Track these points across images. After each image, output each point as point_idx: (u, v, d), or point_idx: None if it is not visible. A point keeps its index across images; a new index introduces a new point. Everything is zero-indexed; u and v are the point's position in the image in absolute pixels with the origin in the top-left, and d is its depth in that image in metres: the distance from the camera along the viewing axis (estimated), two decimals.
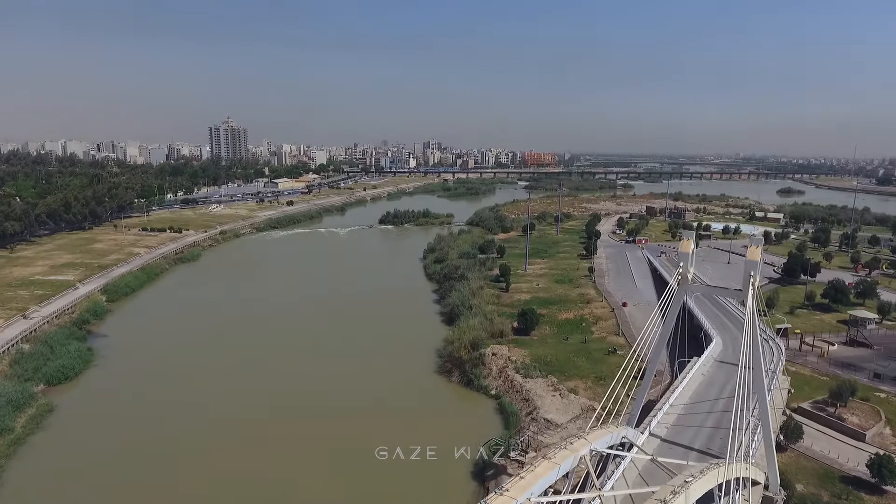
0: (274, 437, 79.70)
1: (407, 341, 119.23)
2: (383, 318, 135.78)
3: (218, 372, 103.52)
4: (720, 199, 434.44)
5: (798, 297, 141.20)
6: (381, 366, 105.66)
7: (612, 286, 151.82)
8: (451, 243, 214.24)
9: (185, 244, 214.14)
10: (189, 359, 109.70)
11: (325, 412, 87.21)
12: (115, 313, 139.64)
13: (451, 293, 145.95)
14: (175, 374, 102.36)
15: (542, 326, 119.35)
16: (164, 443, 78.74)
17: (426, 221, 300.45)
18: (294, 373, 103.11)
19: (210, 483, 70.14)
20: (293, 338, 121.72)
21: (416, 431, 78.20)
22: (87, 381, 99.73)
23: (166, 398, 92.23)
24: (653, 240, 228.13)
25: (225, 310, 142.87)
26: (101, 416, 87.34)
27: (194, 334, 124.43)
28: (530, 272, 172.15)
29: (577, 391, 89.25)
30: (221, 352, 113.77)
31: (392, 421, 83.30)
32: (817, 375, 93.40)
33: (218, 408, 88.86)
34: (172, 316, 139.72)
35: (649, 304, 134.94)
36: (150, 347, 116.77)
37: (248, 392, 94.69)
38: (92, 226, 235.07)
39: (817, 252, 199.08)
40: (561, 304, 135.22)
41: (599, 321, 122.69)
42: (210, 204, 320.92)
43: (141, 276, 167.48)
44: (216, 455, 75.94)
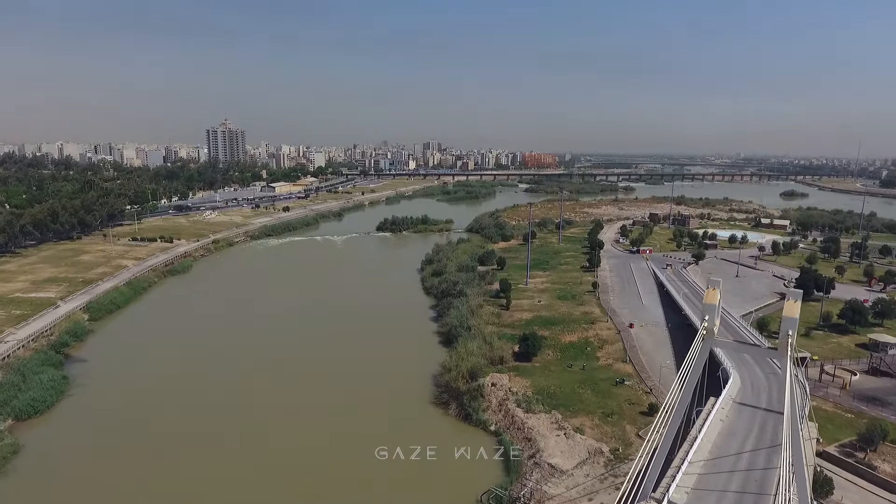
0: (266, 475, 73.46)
1: (402, 365, 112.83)
2: (378, 338, 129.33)
3: (197, 401, 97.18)
4: (723, 204, 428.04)
5: (812, 316, 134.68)
6: (374, 396, 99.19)
7: (616, 303, 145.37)
8: (450, 254, 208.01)
9: (175, 255, 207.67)
10: (169, 385, 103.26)
11: (312, 460, 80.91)
12: (98, 333, 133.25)
13: (449, 311, 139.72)
14: (153, 403, 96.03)
15: (545, 351, 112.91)
16: (141, 485, 72.49)
17: (425, 228, 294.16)
18: (278, 405, 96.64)
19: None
20: (279, 361, 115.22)
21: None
22: (59, 415, 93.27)
23: (143, 432, 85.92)
24: (657, 249, 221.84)
25: (210, 329, 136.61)
26: (71, 456, 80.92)
27: (176, 358, 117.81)
28: (532, 287, 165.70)
29: (584, 430, 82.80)
30: (202, 377, 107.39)
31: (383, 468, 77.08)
32: (840, 412, 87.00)
33: (200, 446, 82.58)
34: (155, 337, 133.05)
35: (656, 324, 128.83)
36: (130, 373, 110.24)
37: (227, 429, 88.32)
38: (81, 235, 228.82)
39: (828, 264, 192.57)
40: (564, 325, 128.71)
41: (605, 345, 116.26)
42: (204, 210, 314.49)
43: (127, 291, 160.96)
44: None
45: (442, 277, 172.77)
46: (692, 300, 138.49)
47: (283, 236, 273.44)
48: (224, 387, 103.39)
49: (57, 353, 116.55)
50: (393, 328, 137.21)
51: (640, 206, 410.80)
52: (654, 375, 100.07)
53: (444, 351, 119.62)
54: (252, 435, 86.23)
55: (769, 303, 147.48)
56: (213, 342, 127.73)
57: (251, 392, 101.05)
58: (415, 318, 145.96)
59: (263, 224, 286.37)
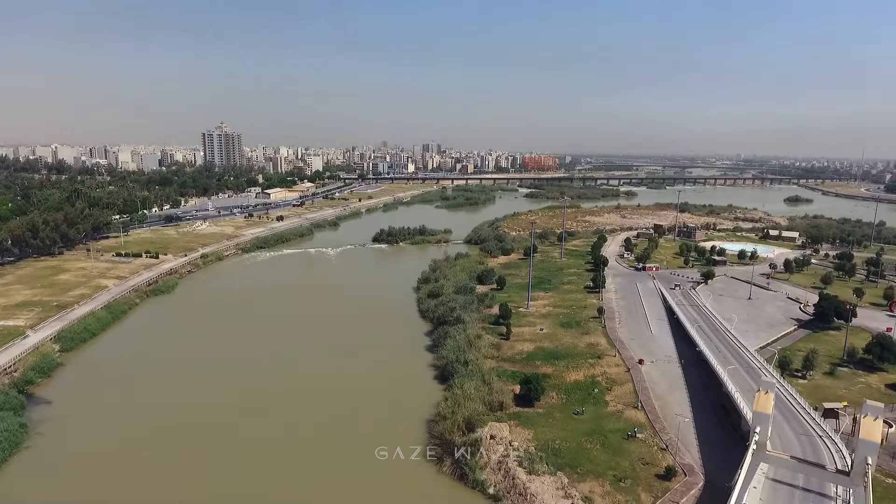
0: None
1: (392, 408, 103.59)
2: (367, 373, 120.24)
3: (169, 446, 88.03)
4: (728, 211, 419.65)
5: (834, 348, 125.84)
6: (359, 448, 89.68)
7: (624, 332, 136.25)
8: (448, 270, 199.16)
9: (160, 272, 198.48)
10: (137, 430, 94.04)
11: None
12: (68, 366, 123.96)
13: (445, 340, 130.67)
14: (118, 465, 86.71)
15: (549, 392, 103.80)
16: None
17: (422, 240, 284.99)
18: (260, 464, 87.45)
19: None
20: (259, 407, 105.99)
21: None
22: (12, 474, 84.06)
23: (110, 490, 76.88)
24: (664, 265, 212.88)
25: (185, 361, 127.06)
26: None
27: (148, 399, 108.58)
28: (533, 311, 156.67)
29: (594, 499, 73.67)
30: (176, 420, 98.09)
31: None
32: (881, 475, 77.74)
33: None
34: (127, 371, 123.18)
35: (669, 360, 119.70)
36: (98, 416, 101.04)
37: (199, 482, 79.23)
38: (63, 250, 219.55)
39: (844, 284, 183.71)
40: (569, 359, 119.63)
41: (614, 385, 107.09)
42: (195, 220, 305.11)
43: (104, 316, 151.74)
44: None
45: (438, 300, 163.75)
46: (706, 332, 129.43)
47: (276, 248, 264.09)
48: (197, 442, 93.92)
49: (20, 392, 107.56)
50: (384, 360, 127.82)
51: (642, 213, 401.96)
52: (670, 426, 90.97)
53: (438, 389, 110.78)
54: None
55: (787, 332, 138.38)
56: (188, 374, 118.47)
57: (228, 453, 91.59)
58: (409, 347, 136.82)
59: (255, 236, 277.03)
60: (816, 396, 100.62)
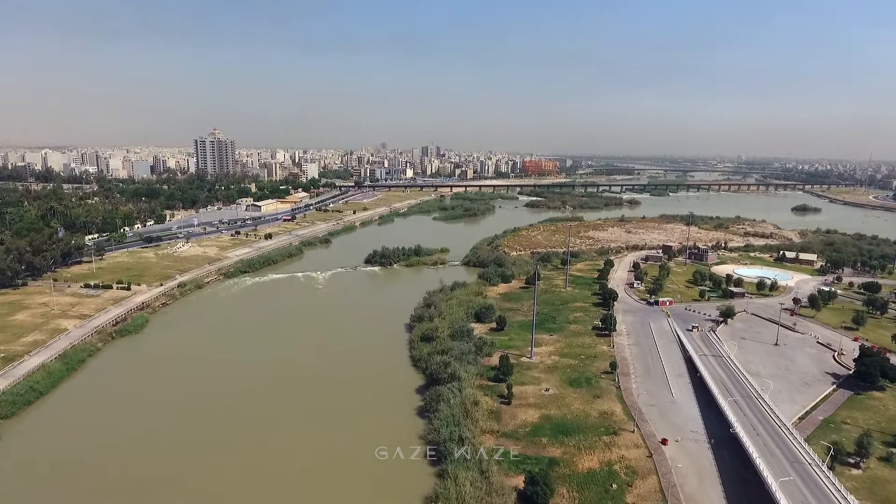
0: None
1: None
2: (342, 455, 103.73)
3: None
4: (736, 223, 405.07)
5: (884, 418, 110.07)
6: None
7: (642, 395, 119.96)
8: (443, 305, 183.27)
9: (130, 307, 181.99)
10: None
11: None
12: (3, 439, 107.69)
13: (438, 405, 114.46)
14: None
15: (559, 489, 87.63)
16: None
17: (418, 261, 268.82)
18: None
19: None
20: (217, 478, 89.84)
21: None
22: None
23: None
24: (677, 298, 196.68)
25: (143, 426, 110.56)
26: None
27: (91, 488, 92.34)
28: (537, 361, 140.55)
29: None
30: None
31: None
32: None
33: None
34: (73, 439, 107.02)
35: (696, 438, 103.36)
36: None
37: None
38: (28, 279, 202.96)
39: (878, 324, 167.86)
40: (580, 435, 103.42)
41: (635, 478, 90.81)
42: (177, 240, 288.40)
43: (58, 368, 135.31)
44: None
45: (432, 346, 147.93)
46: (736, 400, 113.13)
47: (261, 273, 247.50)
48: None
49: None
50: (366, 432, 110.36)
51: (648, 227, 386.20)
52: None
53: (429, 474, 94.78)
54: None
55: (826, 393, 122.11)
56: (144, 445, 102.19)
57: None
58: (396, 410, 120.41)
59: (240, 258, 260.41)
60: (879, 498, 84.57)
